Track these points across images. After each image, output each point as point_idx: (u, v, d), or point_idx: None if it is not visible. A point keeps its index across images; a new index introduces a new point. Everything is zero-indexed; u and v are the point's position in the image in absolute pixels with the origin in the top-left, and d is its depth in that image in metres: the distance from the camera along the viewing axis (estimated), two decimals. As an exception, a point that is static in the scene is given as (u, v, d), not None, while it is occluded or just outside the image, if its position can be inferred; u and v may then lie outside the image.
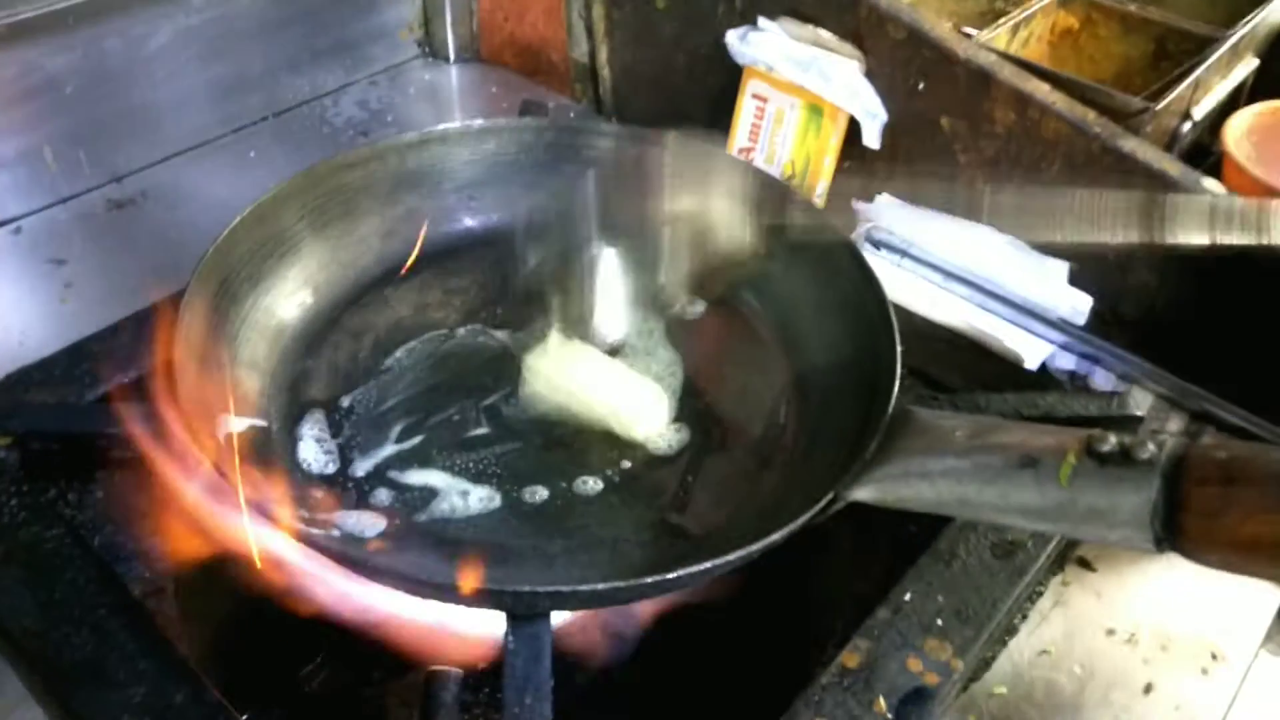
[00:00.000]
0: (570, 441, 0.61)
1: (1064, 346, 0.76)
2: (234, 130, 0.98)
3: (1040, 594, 0.62)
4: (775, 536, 0.48)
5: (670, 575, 0.47)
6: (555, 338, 0.63)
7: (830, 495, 0.49)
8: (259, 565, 0.56)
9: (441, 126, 0.71)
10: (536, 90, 1.07)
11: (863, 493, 0.49)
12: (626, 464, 0.60)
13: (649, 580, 0.47)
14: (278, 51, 0.99)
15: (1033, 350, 0.74)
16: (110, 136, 0.90)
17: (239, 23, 0.94)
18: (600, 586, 0.47)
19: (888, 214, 0.84)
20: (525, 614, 0.50)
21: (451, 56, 1.10)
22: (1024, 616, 0.61)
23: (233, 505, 0.55)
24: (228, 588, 0.60)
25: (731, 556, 0.47)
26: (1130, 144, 0.71)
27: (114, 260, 0.84)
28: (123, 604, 0.54)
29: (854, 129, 0.83)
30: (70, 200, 0.89)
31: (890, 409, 0.52)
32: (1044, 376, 0.73)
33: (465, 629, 0.61)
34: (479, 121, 0.72)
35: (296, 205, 0.66)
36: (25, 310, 0.78)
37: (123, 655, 0.51)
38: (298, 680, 0.62)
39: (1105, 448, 0.43)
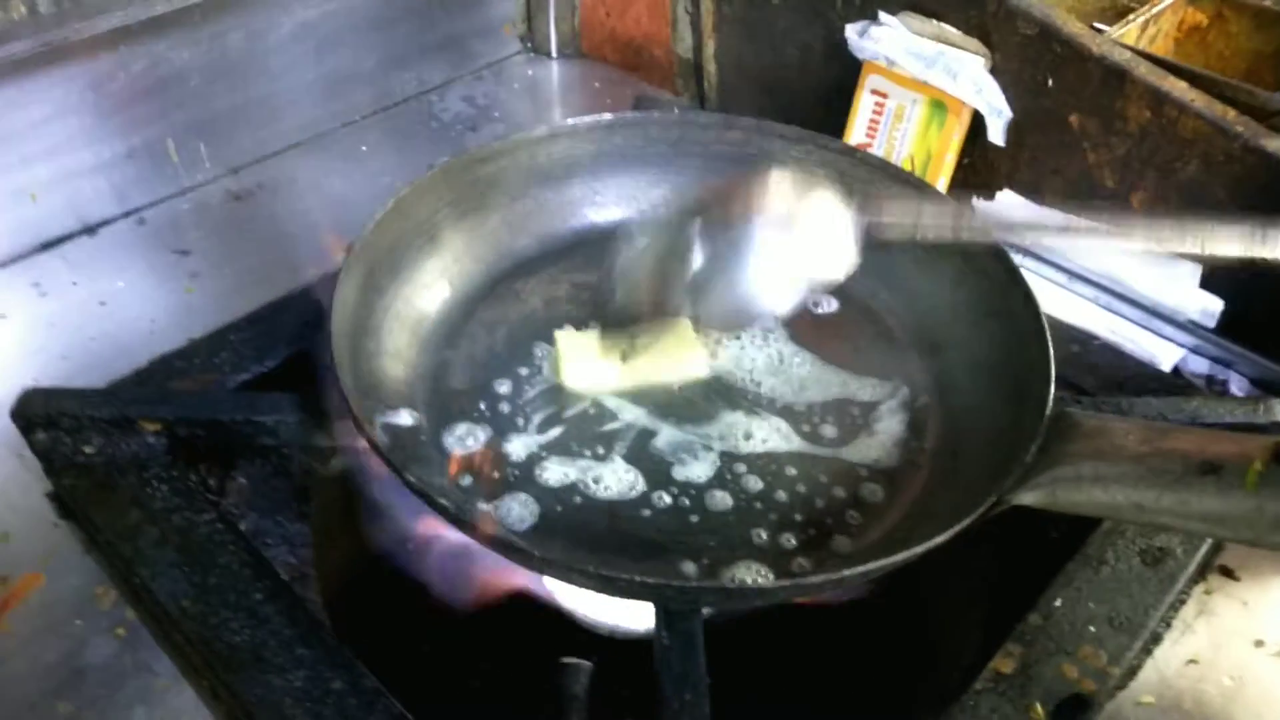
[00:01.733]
0: (715, 432, 0.61)
1: (1195, 350, 0.75)
2: (345, 124, 0.99)
3: (1184, 602, 0.61)
4: (939, 539, 0.47)
5: (835, 575, 0.46)
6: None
7: (993, 498, 0.49)
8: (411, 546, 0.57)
9: (570, 121, 0.71)
10: (639, 86, 1.07)
11: (1029, 496, 0.48)
12: (780, 456, 0.60)
13: (814, 580, 0.47)
14: (387, 47, 1.00)
15: (1165, 353, 0.73)
16: (229, 129, 0.92)
17: (353, 18, 0.96)
18: (763, 584, 0.47)
19: (1010, 212, 0.83)
20: (680, 609, 0.50)
21: (554, 52, 1.11)
22: (1168, 625, 0.60)
23: (388, 492, 0.56)
24: (368, 572, 0.61)
25: (897, 558, 0.46)
26: (1275, 144, 0.69)
27: (235, 251, 0.85)
28: (277, 589, 0.54)
29: (977, 125, 0.82)
30: (191, 191, 0.91)
31: (1049, 411, 0.51)
32: (1179, 380, 0.72)
33: (593, 619, 0.62)
34: (606, 116, 0.72)
35: (433, 199, 0.66)
36: (154, 300, 0.80)
37: (281, 641, 0.52)
38: (435, 660, 0.63)
39: (1294, 454, 0.42)
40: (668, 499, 0.57)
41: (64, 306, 0.78)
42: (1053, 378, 0.54)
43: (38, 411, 0.60)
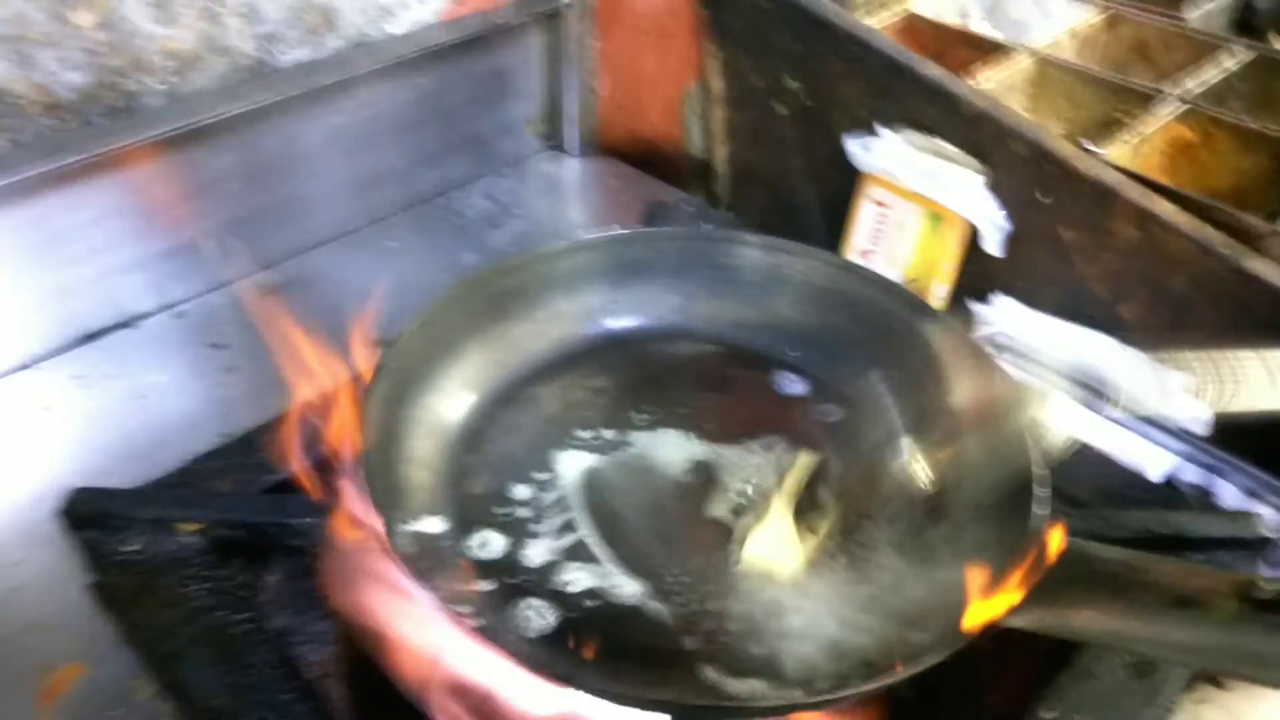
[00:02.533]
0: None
1: (1186, 457, 0.78)
2: (373, 221, 1.04)
3: (1172, 712, 0.63)
4: (930, 659, 0.50)
5: (832, 695, 0.49)
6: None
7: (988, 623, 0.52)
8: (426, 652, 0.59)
9: (591, 236, 0.75)
10: (653, 185, 1.12)
11: (1018, 619, 0.51)
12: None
13: (816, 699, 0.49)
14: (414, 147, 1.05)
15: (1156, 462, 0.76)
16: (263, 227, 0.96)
17: (382, 122, 1.01)
18: (766, 702, 0.50)
19: (1007, 317, 0.87)
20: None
21: (573, 150, 1.16)
22: (1157, 735, 0.62)
23: (411, 600, 0.59)
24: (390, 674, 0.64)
25: (890, 678, 0.49)
26: (1258, 266, 0.73)
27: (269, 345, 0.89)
28: (307, 690, 0.57)
29: (975, 234, 0.86)
30: (226, 286, 0.95)
31: (1039, 536, 0.54)
32: (1169, 490, 0.75)
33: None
34: (621, 230, 0.77)
35: (457, 310, 0.70)
36: (191, 393, 0.84)
37: (310, 741, 0.55)
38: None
39: (1260, 595, 0.45)
40: (687, 606, 0.60)
41: (104, 399, 0.82)
42: (1048, 499, 0.57)
43: (84, 510, 0.64)
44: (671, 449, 0.70)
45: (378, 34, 1.00)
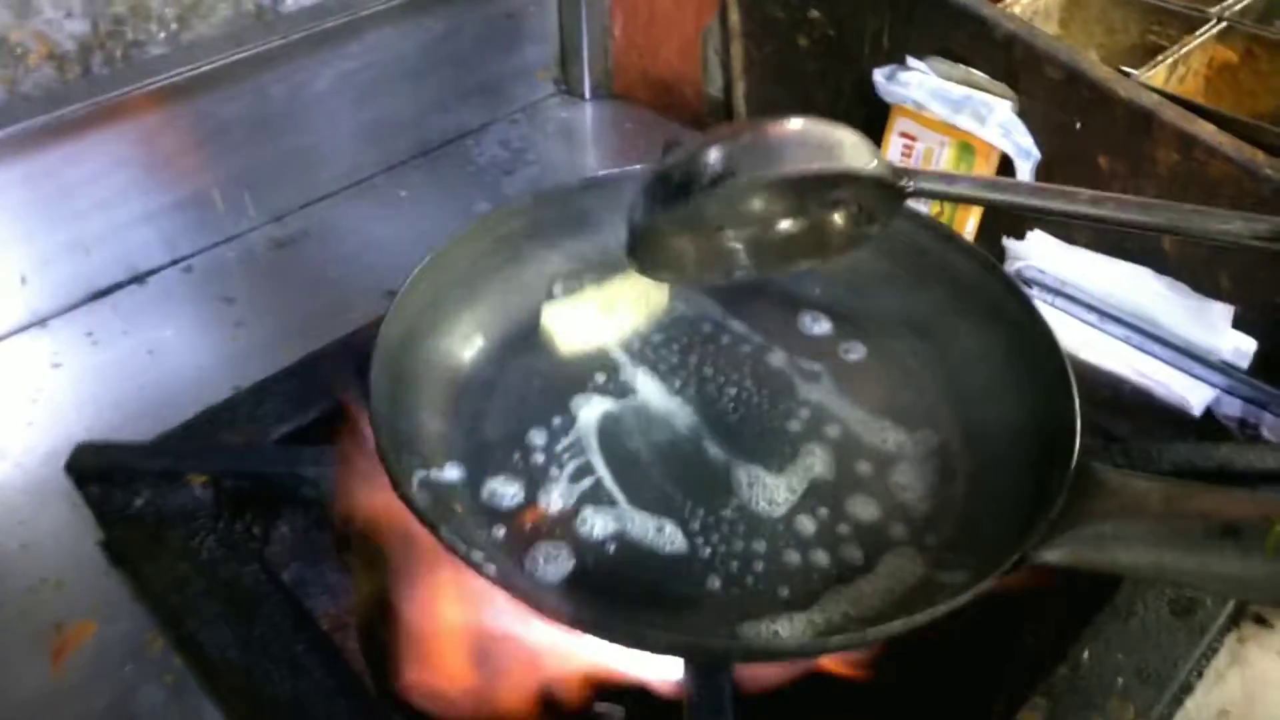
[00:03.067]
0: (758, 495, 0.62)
1: (1228, 391, 0.74)
2: (385, 170, 1.02)
3: (1216, 651, 0.61)
4: (963, 597, 0.48)
5: (861, 634, 0.47)
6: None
7: (1017, 556, 0.49)
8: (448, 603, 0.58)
9: (602, 173, 0.72)
10: (670, 126, 1.09)
11: (1052, 554, 0.48)
12: (819, 511, 0.61)
13: (836, 639, 0.47)
14: (426, 94, 1.02)
15: (1196, 395, 0.73)
16: (272, 178, 0.95)
17: (391, 68, 0.98)
18: (787, 644, 0.48)
19: (1040, 252, 0.83)
20: (707, 664, 0.51)
21: (587, 94, 1.13)
22: (1200, 674, 0.60)
23: (426, 547, 0.58)
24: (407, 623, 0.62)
25: (920, 616, 0.47)
26: (1305, 187, 0.69)
27: (279, 298, 0.88)
28: (318, 641, 0.56)
29: (1005, 166, 0.83)
30: (235, 239, 0.93)
31: (1073, 466, 0.51)
32: (1211, 425, 0.71)
33: (629, 668, 0.62)
34: (636, 167, 0.74)
35: (470, 251, 0.68)
36: (201, 347, 0.82)
37: (321, 693, 0.54)
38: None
39: (1314, 520, 0.42)
40: (703, 550, 0.58)
41: (115, 355, 0.81)
42: (1078, 429, 0.54)
43: (90, 465, 0.63)
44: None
45: (383, -25, 0.97)
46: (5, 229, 0.80)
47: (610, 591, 0.56)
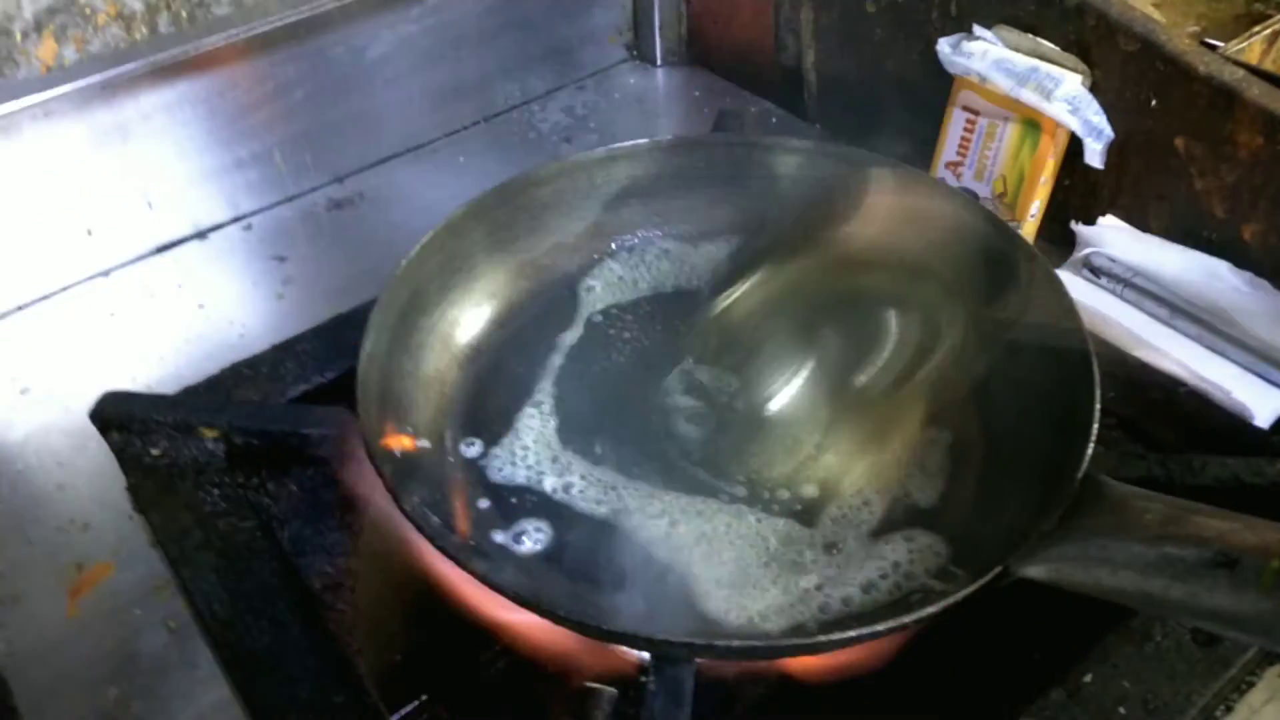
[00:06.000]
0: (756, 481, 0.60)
1: (1305, 401, 0.68)
2: (446, 135, 1.02)
3: (1252, 685, 0.55)
4: (928, 610, 0.44)
5: (818, 639, 0.45)
6: None
7: (999, 569, 0.46)
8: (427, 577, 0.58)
9: (630, 143, 0.70)
10: (740, 95, 1.05)
11: (1035, 570, 0.45)
12: (799, 504, 0.58)
13: (793, 642, 0.45)
14: (491, 57, 1.02)
15: (1265, 405, 0.66)
16: (333, 139, 0.96)
17: (454, 30, 0.98)
18: (739, 644, 0.46)
19: (1111, 238, 0.77)
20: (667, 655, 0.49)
21: (658, 60, 1.10)
22: (1229, 709, 0.54)
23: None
24: (404, 586, 0.63)
25: (879, 627, 0.44)
26: (1404, 177, 0.61)
27: (329, 258, 0.89)
28: (301, 600, 0.57)
29: (1075, 146, 0.77)
30: (295, 199, 0.95)
31: (1078, 478, 0.47)
32: (1273, 438, 0.65)
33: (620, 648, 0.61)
34: (667, 138, 0.72)
35: (487, 220, 0.67)
36: (246, 305, 0.84)
37: (296, 650, 0.54)
38: (474, 666, 0.64)
39: (1325, 554, 0.37)
40: (687, 532, 0.56)
41: (167, 308, 0.84)
42: (1092, 437, 0.50)
43: (112, 413, 0.65)
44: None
45: (450, -67, 0.96)
46: (73, 183, 0.83)
47: (587, 574, 0.55)
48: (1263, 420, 0.65)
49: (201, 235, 0.92)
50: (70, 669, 0.60)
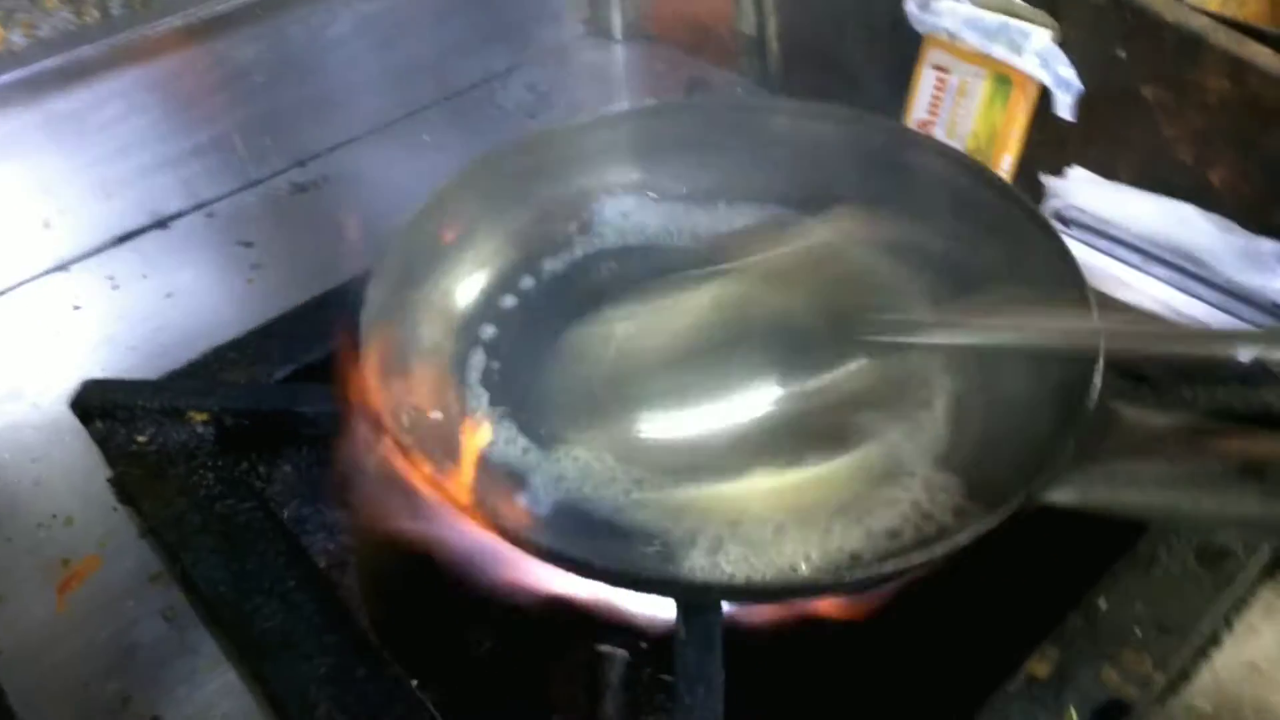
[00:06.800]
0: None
1: (1280, 335, 0.70)
2: (408, 114, 1.00)
3: (1249, 603, 0.57)
4: (960, 538, 0.45)
5: (846, 578, 0.45)
6: None
7: (1022, 496, 0.46)
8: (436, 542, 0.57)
9: (611, 108, 0.70)
10: (702, 67, 1.05)
11: (1060, 495, 0.46)
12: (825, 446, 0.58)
13: (825, 580, 0.45)
14: (449, 35, 1.00)
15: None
16: (294, 122, 0.94)
17: (413, 9, 0.96)
18: (773, 582, 0.46)
19: (1081, 190, 0.79)
20: (697, 603, 0.49)
21: (618, 35, 1.10)
22: (1230, 627, 0.56)
23: (411, 485, 0.57)
24: (406, 561, 0.62)
25: (913, 559, 0.45)
26: (1367, 112, 0.64)
27: (297, 242, 0.87)
28: (310, 577, 0.56)
29: (1045, 99, 0.78)
30: (258, 184, 0.93)
31: (1092, 403, 0.48)
32: (1255, 369, 0.67)
33: (631, 608, 0.61)
34: (648, 101, 0.71)
35: (473, 190, 0.66)
36: (216, 290, 0.82)
37: (310, 627, 0.53)
38: (468, 650, 0.63)
39: (1344, 458, 0.39)
40: (695, 491, 0.56)
41: (134, 298, 0.81)
42: (1099, 366, 0.51)
43: (94, 402, 0.63)
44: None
45: (405, -90, 0.95)
46: (28, 174, 0.80)
47: (595, 530, 0.54)
48: (1244, 355, 0.67)
49: (162, 224, 0.89)
50: (65, 666, 0.58)
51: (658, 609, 0.60)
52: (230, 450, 0.63)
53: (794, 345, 0.62)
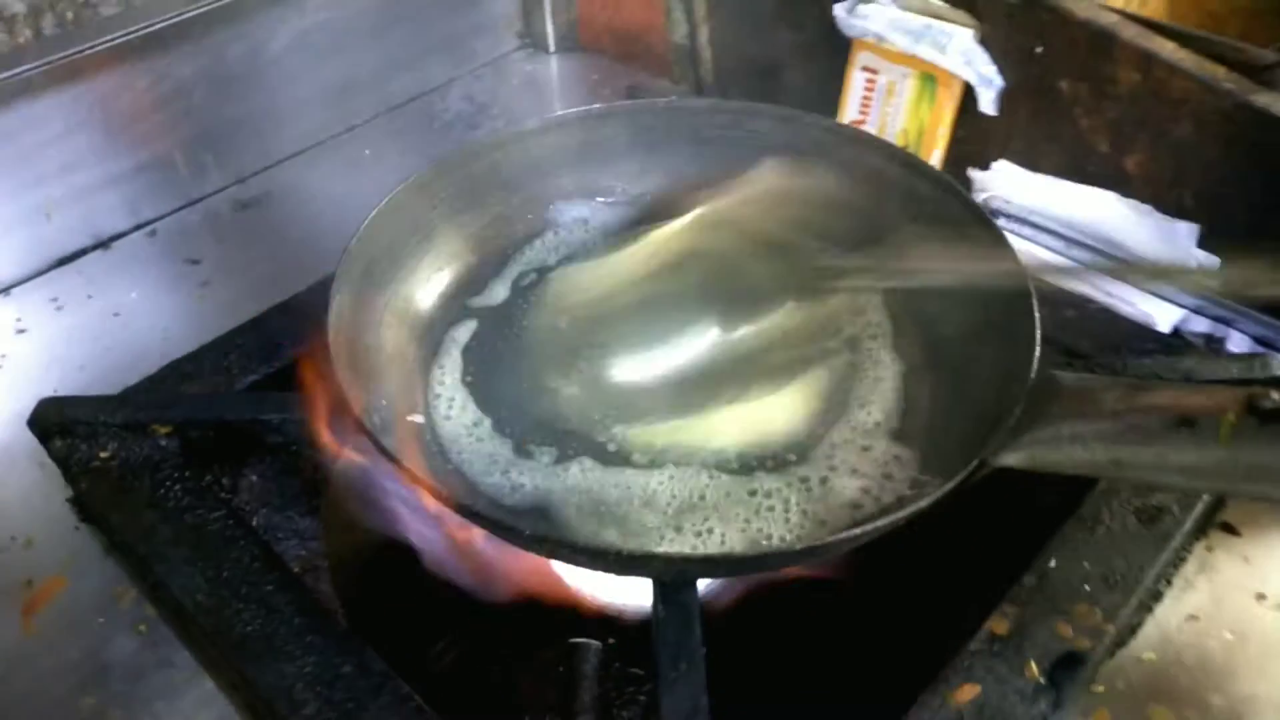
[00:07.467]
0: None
1: (1195, 310, 0.74)
2: (348, 129, 1.01)
3: (1185, 559, 0.61)
4: (922, 503, 0.48)
5: (816, 543, 0.47)
6: None
7: (976, 461, 0.49)
8: (413, 543, 0.58)
9: (560, 113, 0.72)
10: (636, 76, 1.08)
11: (1011, 458, 0.49)
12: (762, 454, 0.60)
13: (797, 549, 0.47)
14: (387, 50, 1.01)
15: (1164, 314, 0.73)
16: (235, 139, 0.94)
17: (350, 24, 0.97)
18: (746, 553, 0.48)
19: (1006, 181, 0.83)
20: (673, 581, 0.51)
21: (552, 47, 1.12)
22: (1169, 582, 0.60)
23: (386, 486, 0.58)
24: (380, 562, 0.62)
25: (880, 523, 0.47)
26: (1265, 99, 0.69)
27: (244, 258, 0.87)
28: (287, 581, 0.56)
29: (969, 96, 0.82)
30: (200, 202, 0.93)
31: (1033, 372, 0.51)
32: (1177, 340, 0.72)
33: (601, 599, 0.63)
34: (596, 106, 0.73)
35: (429, 194, 0.67)
36: (166, 308, 0.82)
37: (291, 629, 0.54)
38: (429, 658, 0.64)
39: (1268, 404, 0.42)
40: (662, 476, 0.58)
41: (80, 319, 0.81)
42: (1038, 339, 0.54)
43: (53, 420, 0.63)
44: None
45: (339, -74, 0.96)
46: (-38, 197, 0.79)
47: (569, 514, 0.56)
48: (1164, 325, 0.72)
49: (104, 245, 0.88)
50: (36, 687, 0.57)
51: (627, 600, 0.62)
52: (195, 463, 0.63)
53: (736, 293, 0.64)
